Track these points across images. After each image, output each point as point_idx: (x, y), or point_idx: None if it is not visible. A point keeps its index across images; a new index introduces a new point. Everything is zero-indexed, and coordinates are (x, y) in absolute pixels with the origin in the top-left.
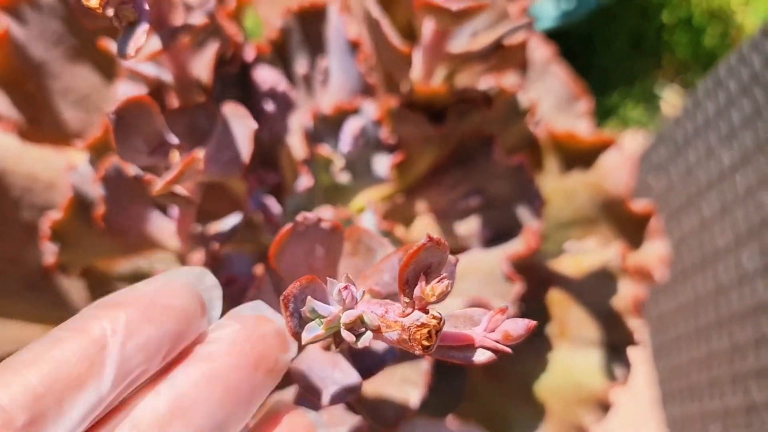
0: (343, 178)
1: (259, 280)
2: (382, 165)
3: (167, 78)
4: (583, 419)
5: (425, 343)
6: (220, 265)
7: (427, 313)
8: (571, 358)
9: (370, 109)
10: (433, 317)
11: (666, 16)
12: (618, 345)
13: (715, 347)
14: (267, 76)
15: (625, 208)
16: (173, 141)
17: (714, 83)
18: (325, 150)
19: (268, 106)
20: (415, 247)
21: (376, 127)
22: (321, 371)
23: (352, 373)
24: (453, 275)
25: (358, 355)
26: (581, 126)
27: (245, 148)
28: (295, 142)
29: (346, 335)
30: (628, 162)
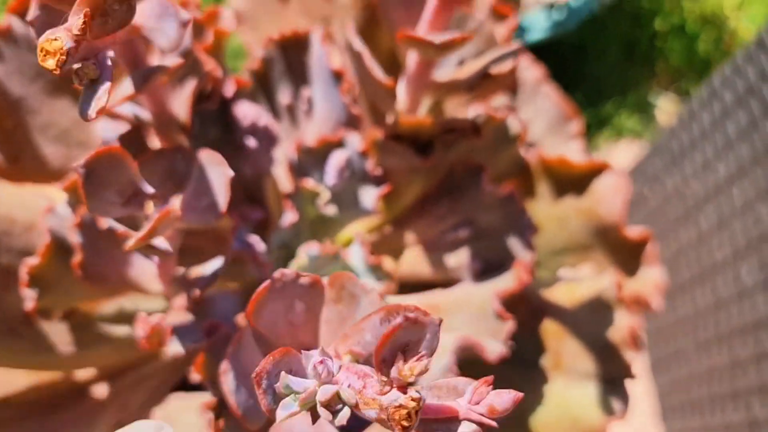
0: (329, 211)
1: (239, 334)
2: (369, 197)
3: (146, 116)
4: None
5: (404, 423)
6: (202, 309)
7: (405, 393)
8: (568, 391)
9: (355, 141)
10: (412, 399)
11: (659, 24)
12: (615, 378)
13: (715, 362)
14: (248, 111)
15: (619, 235)
16: (148, 190)
17: (709, 94)
18: (309, 183)
19: (250, 141)
20: (392, 327)
21: (362, 158)
22: None
23: None
24: (436, 336)
25: None
26: (573, 147)
27: (222, 196)
28: (281, 173)
29: (323, 413)
30: (622, 187)
